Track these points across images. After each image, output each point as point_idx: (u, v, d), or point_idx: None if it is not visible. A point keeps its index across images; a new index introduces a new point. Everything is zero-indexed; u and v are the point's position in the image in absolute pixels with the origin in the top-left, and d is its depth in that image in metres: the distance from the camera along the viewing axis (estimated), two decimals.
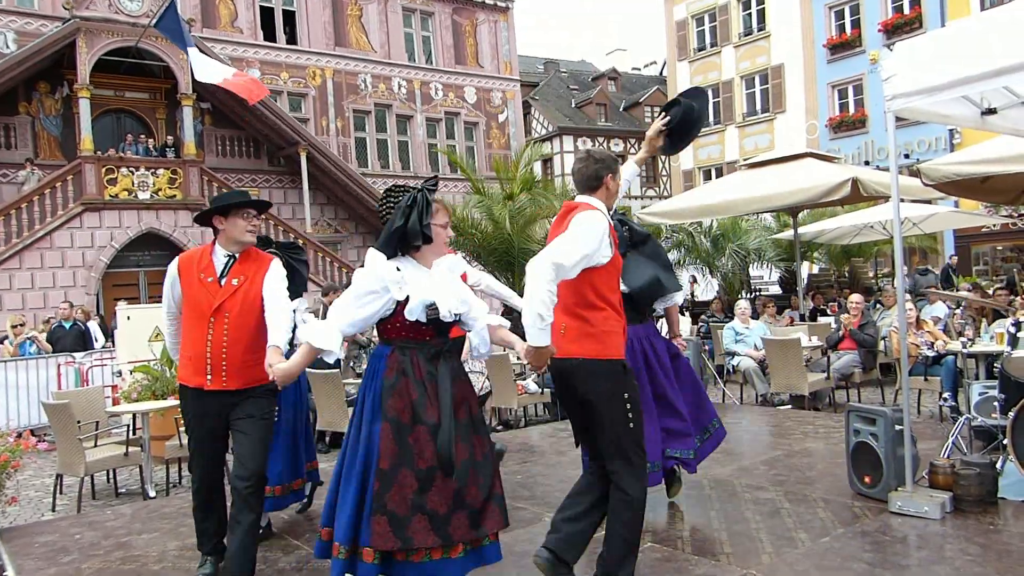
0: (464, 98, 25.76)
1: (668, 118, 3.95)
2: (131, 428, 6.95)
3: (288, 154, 20.97)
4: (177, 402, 7.08)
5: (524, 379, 8.92)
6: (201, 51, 15.98)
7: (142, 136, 18.93)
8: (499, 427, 8.68)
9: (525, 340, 3.10)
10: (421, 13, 25.19)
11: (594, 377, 3.21)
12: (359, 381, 8.22)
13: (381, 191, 21.66)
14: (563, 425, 7.92)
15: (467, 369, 9.46)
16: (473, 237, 13.58)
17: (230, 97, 18.72)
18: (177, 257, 3.95)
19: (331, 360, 3.32)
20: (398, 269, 3.08)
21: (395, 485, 2.93)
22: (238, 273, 3.78)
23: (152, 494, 6.24)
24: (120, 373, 9.15)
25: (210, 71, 13.77)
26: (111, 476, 6.76)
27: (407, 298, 3.05)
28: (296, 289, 4.42)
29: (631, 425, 3.23)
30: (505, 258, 13.40)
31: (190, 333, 3.80)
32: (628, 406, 3.23)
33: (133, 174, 17.51)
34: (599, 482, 3.34)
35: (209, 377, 3.71)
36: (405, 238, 3.08)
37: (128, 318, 9.59)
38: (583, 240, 3.14)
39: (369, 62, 23.79)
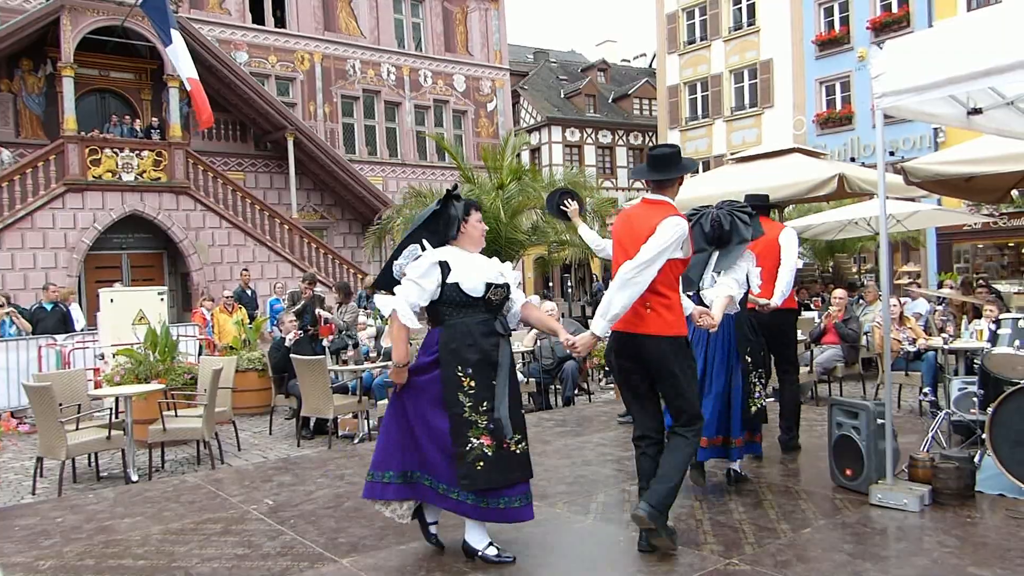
0: (453, 86, 25.65)
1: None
2: (114, 411, 6.90)
3: (275, 139, 20.81)
4: (161, 386, 7.09)
5: None
6: (185, 34, 15.83)
7: (127, 117, 18.71)
8: None
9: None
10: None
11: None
12: (344, 367, 8.22)
13: (368, 177, 21.52)
14: (547, 415, 7.96)
15: None
16: None
17: (216, 79, 18.57)
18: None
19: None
20: None
21: None
22: None
23: (135, 478, 6.21)
24: (103, 356, 9.08)
25: (185, 64, 13.71)
26: (93, 460, 6.72)
27: None
28: None
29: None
30: (493, 247, 13.39)
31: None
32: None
33: (117, 155, 17.30)
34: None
35: None
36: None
37: (111, 301, 9.52)
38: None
39: (358, 47, 23.62)
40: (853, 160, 22.24)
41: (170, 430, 6.60)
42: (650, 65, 39.25)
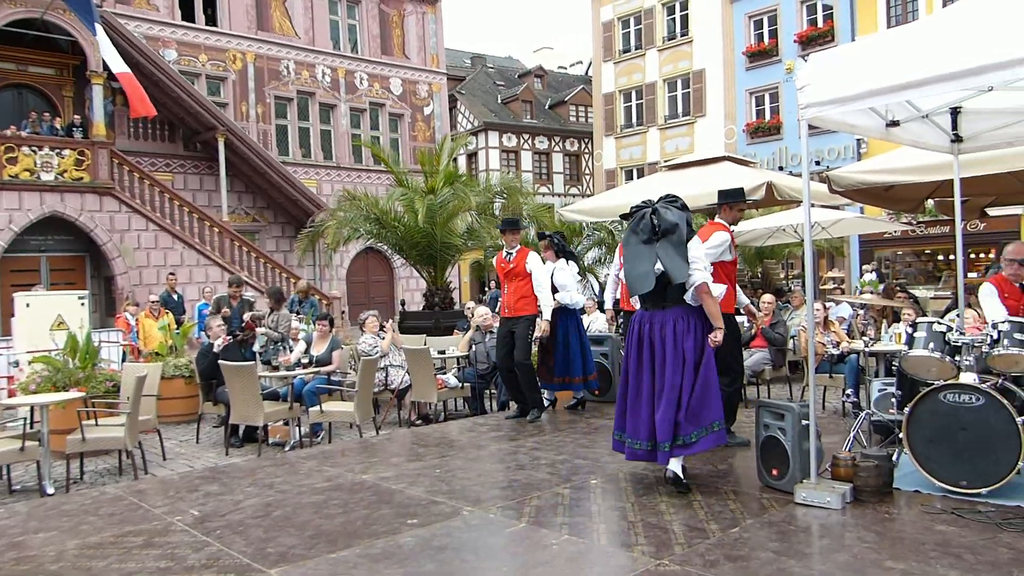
0: (390, 89, 25.46)
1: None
2: (29, 421, 6.59)
3: (205, 139, 20.27)
4: (80, 394, 6.80)
5: (444, 373, 8.89)
6: (110, 29, 15.29)
7: (47, 114, 17.92)
8: (418, 421, 8.62)
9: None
10: (347, 1, 24.74)
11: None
12: (274, 373, 8.03)
13: (302, 180, 21.10)
14: (482, 419, 7.94)
15: (388, 363, 9.30)
16: (395, 230, 13.43)
17: (144, 77, 17.96)
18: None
19: None
20: None
21: None
22: None
23: (50, 491, 5.93)
24: (17, 363, 8.67)
25: (113, 57, 13.27)
26: (5, 472, 6.38)
27: None
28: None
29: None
30: (427, 252, 13.30)
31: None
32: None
33: (36, 154, 16.57)
34: None
35: None
36: None
37: (27, 305, 9.11)
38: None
39: (292, 48, 23.22)
40: (781, 169, 22.95)
41: (90, 440, 6.33)
42: (586, 72, 39.75)
